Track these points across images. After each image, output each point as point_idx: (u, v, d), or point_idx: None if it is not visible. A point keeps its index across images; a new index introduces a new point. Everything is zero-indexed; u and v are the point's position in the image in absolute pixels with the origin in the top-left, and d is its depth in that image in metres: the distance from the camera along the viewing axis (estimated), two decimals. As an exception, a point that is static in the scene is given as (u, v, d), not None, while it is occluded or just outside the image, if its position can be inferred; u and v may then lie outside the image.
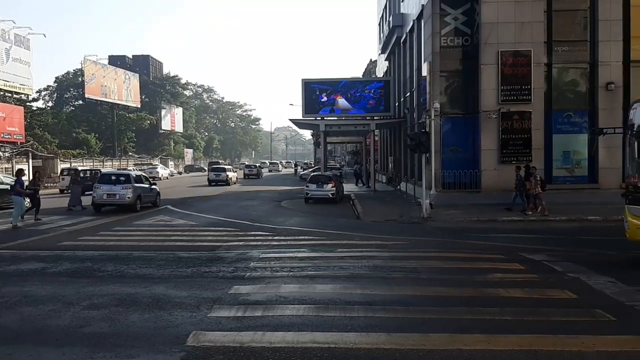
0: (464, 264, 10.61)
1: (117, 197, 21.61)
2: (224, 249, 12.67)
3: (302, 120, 36.72)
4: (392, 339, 6.11)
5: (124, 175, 22.78)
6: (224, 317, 7.02)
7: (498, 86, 21.90)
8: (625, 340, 6.02)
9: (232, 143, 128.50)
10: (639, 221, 10.25)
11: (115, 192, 21.59)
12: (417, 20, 27.33)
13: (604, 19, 21.83)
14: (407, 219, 18.86)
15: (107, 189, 21.70)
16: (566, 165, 22.64)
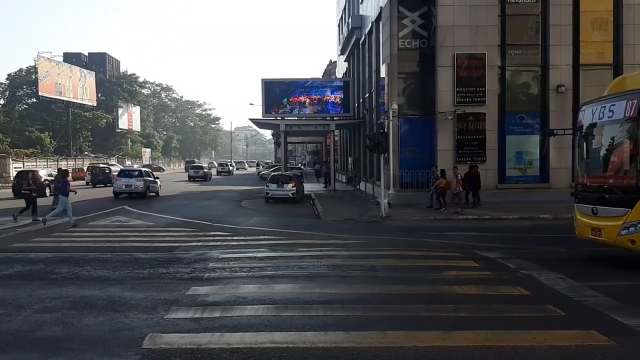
0: (421, 262, 10.78)
1: (133, 187, 28.43)
2: (182, 249, 12.52)
3: (262, 120, 36.61)
4: (351, 337, 6.18)
5: (138, 171, 31.05)
6: (182, 319, 6.95)
7: (454, 88, 22.36)
8: (574, 334, 6.24)
9: (192, 142, 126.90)
10: (587, 219, 10.64)
11: (131, 183, 28.52)
12: (375, 22, 27.63)
13: (554, 23, 22.57)
14: (366, 218, 19.04)
15: (125, 181, 28.66)
16: (519, 165, 23.32)
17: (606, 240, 10.15)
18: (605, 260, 10.84)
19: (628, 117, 9.66)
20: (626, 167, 10.05)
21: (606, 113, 10.24)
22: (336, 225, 17.75)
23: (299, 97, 35.01)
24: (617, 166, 10.26)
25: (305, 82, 36.49)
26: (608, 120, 10.25)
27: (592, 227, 10.47)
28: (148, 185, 29.08)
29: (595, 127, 10.74)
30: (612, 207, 9.95)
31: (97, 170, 42.78)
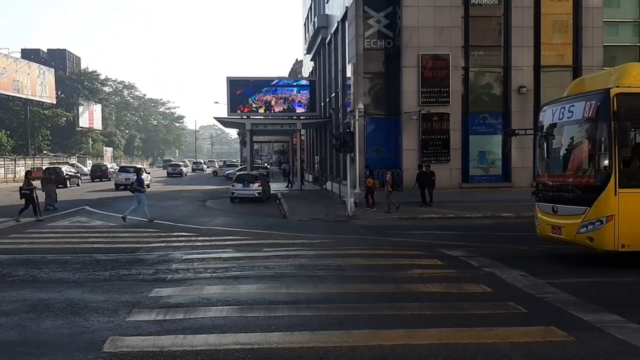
0: (386, 260, 10.86)
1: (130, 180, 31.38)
2: (145, 250, 12.30)
3: (227, 119, 36.27)
4: (316, 337, 6.16)
5: (133, 167, 35.82)
6: (144, 321, 6.81)
7: (418, 88, 22.59)
8: (535, 331, 6.35)
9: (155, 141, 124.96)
10: (548, 217, 10.88)
11: (129, 177, 32.44)
12: (341, 22, 27.69)
13: (516, 25, 23.04)
14: (332, 218, 19.08)
15: (125, 175, 35.58)
16: (482, 164, 23.74)
17: (566, 238, 10.40)
18: (565, 258, 11.11)
19: (587, 117, 9.91)
20: (585, 166, 10.32)
21: (566, 114, 10.48)
22: (303, 224, 17.72)
23: (265, 96, 34.84)
24: (576, 165, 10.53)
25: (271, 81, 36.32)
26: (568, 121, 10.50)
27: (553, 226, 10.71)
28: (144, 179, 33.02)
29: (556, 127, 10.99)
30: (571, 205, 10.19)
31: (96, 167, 53.74)
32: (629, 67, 10.43)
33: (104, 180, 47.31)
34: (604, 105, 9.51)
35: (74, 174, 42.22)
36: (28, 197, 18.34)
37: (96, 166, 54.67)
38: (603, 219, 9.47)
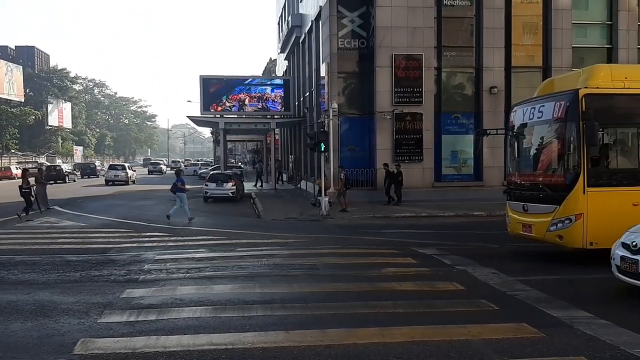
0: (361, 259, 10.91)
1: (119, 177, 40.86)
2: (116, 251, 12.11)
3: (200, 118, 35.96)
4: (291, 336, 6.15)
5: (121, 165, 44.53)
6: (115, 323, 6.71)
7: (392, 88, 22.73)
8: (507, 327, 6.44)
9: (126, 140, 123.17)
10: (519, 216, 11.06)
11: (118, 174, 41.00)
12: (315, 21, 27.71)
13: (488, 26, 23.35)
14: (306, 217, 19.08)
15: (114, 172, 41.58)
16: (454, 164, 24.01)
17: (536, 236, 10.59)
18: (536, 256, 11.30)
19: (556, 117, 10.10)
20: (555, 165, 10.53)
21: (536, 114, 10.66)
22: (277, 224, 17.69)
23: (238, 95, 34.64)
24: (546, 165, 10.73)
25: (245, 79, 36.14)
26: (538, 121, 10.69)
27: (523, 224, 10.89)
28: (130, 175, 42.28)
29: (526, 127, 11.18)
30: (541, 204, 10.38)
31: (85, 165, 60.54)
32: (597, 68, 10.67)
33: (92, 177, 52.76)
34: (572, 106, 9.70)
35: (71, 171, 49.46)
36: (28, 195, 18.42)
37: (85, 165, 61.55)
38: (572, 217, 9.67)
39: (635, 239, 7.78)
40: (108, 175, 41.63)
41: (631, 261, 7.61)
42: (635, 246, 7.65)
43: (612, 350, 5.67)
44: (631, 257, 7.64)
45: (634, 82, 10.06)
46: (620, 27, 24.23)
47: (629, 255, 7.69)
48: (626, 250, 7.80)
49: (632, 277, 7.65)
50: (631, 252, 7.70)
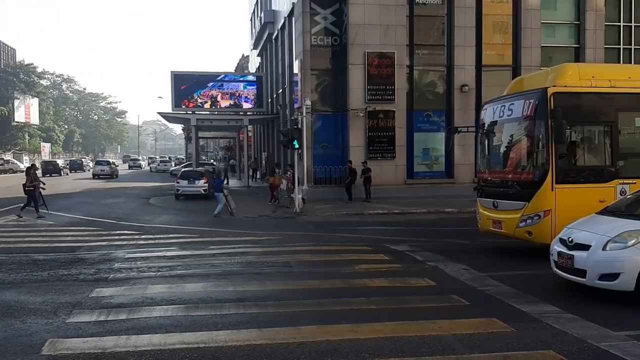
0: (334, 256, 10.93)
1: (105, 171, 45.82)
2: (86, 249, 11.89)
3: (171, 114, 35.51)
4: (263, 334, 6.13)
5: (107, 161, 50.45)
6: (85, 322, 6.60)
7: (365, 86, 22.81)
8: (477, 322, 6.54)
9: (96, 137, 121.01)
10: (489, 212, 11.23)
11: (103, 169, 46.29)
12: (288, 18, 27.63)
13: (459, 25, 23.61)
14: (280, 214, 19.04)
15: (100, 167, 46.81)
16: (426, 161, 24.23)
17: (506, 232, 10.76)
18: (506, 251, 11.48)
19: (525, 115, 10.28)
20: (524, 163, 10.71)
21: (506, 112, 10.83)
22: (250, 221, 17.60)
23: (210, 91, 34.29)
24: (515, 162, 10.92)
25: (217, 75, 35.76)
26: (507, 119, 10.86)
27: (493, 220, 11.06)
28: (113, 170, 47.44)
29: (496, 125, 11.34)
30: (511, 201, 10.55)
31: (74, 161, 64.38)
32: (565, 67, 10.89)
33: (79, 172, 57.85)
34: (541, 104, 9.88)
35: (64, 166, 55.79)
36: (32, 193, 18.16)
37: (74, 161, 66.07)
38: (541, 213, 9.85)
39: (571, 235, 7.93)
40: (95, 170, 46.96)
41: (567, 256, 7.75)
42: (572, 242, 7.78)
43: (580, 343, 5.80)
44: (567, 253, 7.77)
45: (601, 81, 10.30)
46: (588, 27, 24.78)
47: (565, 250, 7.83)
48: (563, 245, 7.95)
49: (567, 272, 7.78)
50: (567, 247, 7.83)
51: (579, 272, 7.52)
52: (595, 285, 7.39)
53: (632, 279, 7.04)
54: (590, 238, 7.59)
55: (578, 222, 8.42)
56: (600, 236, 7.49)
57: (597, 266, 7.31)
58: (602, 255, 7.30)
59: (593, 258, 7.37)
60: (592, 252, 7.41)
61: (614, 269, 7.15)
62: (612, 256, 7.22)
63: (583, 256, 7.48)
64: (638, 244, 7.13)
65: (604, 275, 7.24)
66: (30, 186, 18.18)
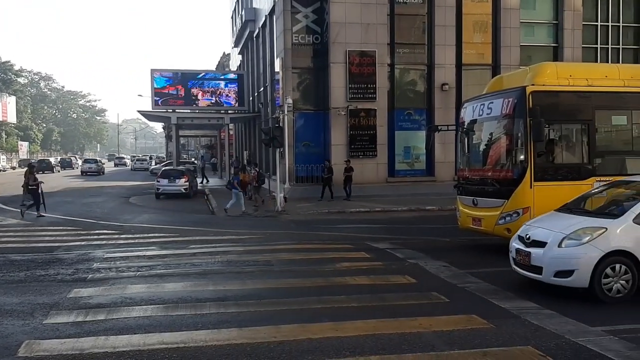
0: (315, 254, 10.92)
1: (93, 169, 49.57)
2: (64, 249, 11.71)
3: (152, 113, 35.23)
4: (244, 333, 6.11)
5: (94, 160, 54.59)
6: (62, 324, 6.51)
7: (346, 84, 22.83)
8: (457, 319, 6.58)
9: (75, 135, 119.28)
10: (468, 210, 11.32)
11: (91, 167, 50.15)
12: (269, 16, 27.54)
13: (439, 24, 23.76)
14: (262, 213, 18.99)
15: (88, 165, 50.76)
16: (407, 159, 24.35)
17: (485, 229, 10.85)
18: (485, 249, 11.58)
19: (504, 114, 10.37)
20: (503, 161, 10.81)
21: (485, 110, 10.92)
22: (231, 220, 17.53)
23: (191, 89, 34.07)
24: (495, 160, 11.01)
25: (198, 73, 35.53)
26: (487, 117, 10.95)
27: (473, 218, 11.15)
28: (100, 167, 51.05)
29: (476, 123, 11.43)
30: (490, 198, 10.65)
31: (63, 159, 68.59)
32: (544, 66, 11.02)
33: (68, 169, 61.69)
34: (520, 103, 9.98)
35: (56, 164, 59.37)
36: (35, 192, 18.04)
37: (64, 159, 70.74)
38: (519, 210, 9.95)
39: (528, 232, 8.00)
40: (83, 167, 51.11)
41: (524, 253, 7.80)
42: (529, 239, 7.84)
43: (558, 339, 5.87)
44: (524, 250, 7.83)
45: (578, 80, 10.45)
46: (566, 26, 25.11)
47: (523, 247, 7.88)
48: (521, 242, 8.00)
49: (525, 269, 7.84)
50: (525, 244, 7.89)
51: (536, 269, 7.57)
52: (551, 282, 7.45)
53: (586, 275, 7.11)
54: (546, 235, 7.64)
55: (537, 219, 8.54)
56: (556, 233, 7.54)
57: (552, 263, 7.36)
58: (557, 252, 7.36)
59: (549, 255, 7.42)
60: (548, 249, 7.45)
61: (568, 266, 7.21)
62: (567, 253, 7.29)
63: (539, 253, 7.53)
64: (592, 240, 7.20)
65: (559, 272, 7.29)
66: (33, 185, 18.18)
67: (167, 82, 33.71)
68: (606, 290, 7.16)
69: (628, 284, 7.19)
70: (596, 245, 7.18)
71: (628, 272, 7.18)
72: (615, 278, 7.16)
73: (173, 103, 33.80)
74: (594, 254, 7.14)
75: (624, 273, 7.17)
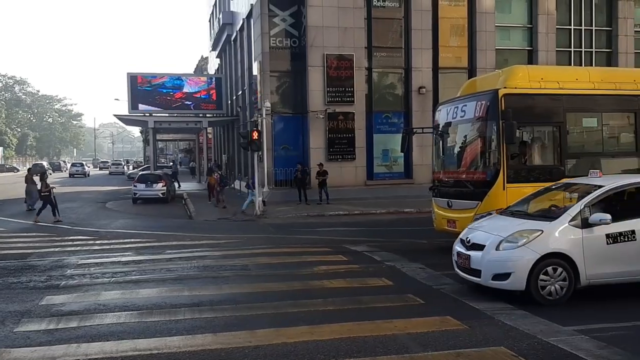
0: (293, 258, 10.91)
1: (80, 172, 56.17)
2: (37, 256, 11.52)
3: (128, 117, 34.90)
4: (219, 338, 6.07)
5: (80, 163, 60.41)
6: (34, 331, 6.41)
7: (324, 88, 22.87)
8: (432, 321, 6.63)
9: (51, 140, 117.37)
10: (444, 212, 11.40)
11: (79, 169, 56.71)
12: (247, 19, 27.48)
13: (416, 28, 23.93)
14: (240, 217, 18.91)
15: (76, 168, 57.31)
16: (385, 162, 24.45)
17: (460, 230, 10.82)
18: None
19: (478, 116, 10.48)
20: (476, 163, 10.91)
21: (459, 113, 11.03)
22: (209, 225, 17.43)
23: (169, 93, 33.82)
24: (468, 162, 11.11)
25: (175, 77, 35.31)
26: (460, 120, 11.05)
27: (448, 220, 11.23)
28: (86, 170, 58.18)
29: (450, 125, 11.53)
30: (464, 200, 10.73)
31: (52, 163, 76.59)
32: (516, 69, 11.17)
33: (57, 172, 66.88)
34: (492, 105, 10.09)
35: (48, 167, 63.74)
36: (47, 198, 18.06)
37: (52, 162, 78.81)
38: (492, 212, 10.02)
39: (469, 235, 8.02)
40: (71, 170, 57.49)
41: (465, 256, 7.81)
42: (469, 242, 7.86)
43: (530, 339, 5.94)
44: (465, 253, 7.83)
45: (549, 83, 10.62)
46: (540, 30, 25.51)
47: (464, 250, 7.89)
48: (462, 245, 8.01)
49: (465, 272, 7.83)
50: (465, 247, 7.90)
51: (475, 272, 7.56)
52: (490, 285, 7.44)
53: (522, 278, 7.11)
54: (485, 238, 7.65)
55: (478, 222, 8.60)
56: (494, 236, 7.54)
57: (490, 266, 7.36)
58: (495, 255, 7.35)
59: (487, 258, 7.41)
60: (486, 252, 7.44)
61: (505, 269, 7.21)
62: (504, 256, 7.28)
63: (478, 256, 7.52)
64: (529, 243, 7.20)
65: (497, 275, 7.29)
66: (45, 191, 18.23)
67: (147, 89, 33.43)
68: (543, 292, 7.14)
69: (565, 286, 7.19)
70: (532, 248, 7.17)
71: (565, 273, 7.17)
72: (552, 280, 7.15)
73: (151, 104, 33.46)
74: (530, 257, 7.13)
75: (560, 275, 7.18)
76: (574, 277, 7.21)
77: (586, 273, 7.23)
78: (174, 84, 34.16)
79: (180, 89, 34.15)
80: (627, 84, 11.16)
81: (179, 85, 34.27)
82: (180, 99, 34.07)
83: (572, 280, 7.21)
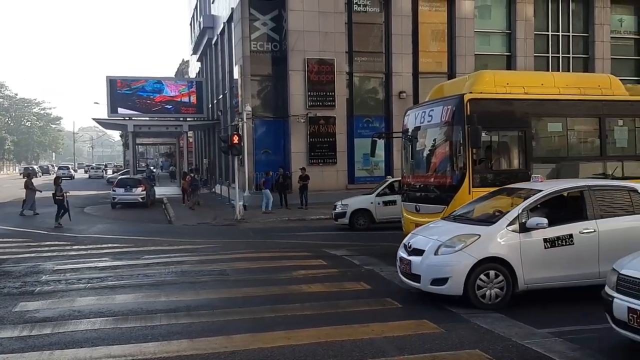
0: (272, 263, 10.89)
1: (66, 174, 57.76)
2: (12, 262, 11.33)
3: (108, 120, 34.59)
4: (194, 344, 6.01)
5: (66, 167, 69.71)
6: (6, 338, 6.29)
7: (305, 92, 22.90)
8: (408, 324, 6.65)
9: (29, 144, 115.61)
10: (412, 216, 11.26)
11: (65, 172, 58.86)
12: (227, 23, 27.43)
13: (396, 33, 24.11)
14: (220, 222, 18.83)
15: (62, 171, 59.47)
16: (366, 166, 24.54)
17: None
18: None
19: (444, 121, 10.47)
20: (443, 167, 10.84)
21: (426, 117, 11.04)
22: (188, 229, 17.32)
23: (149, 97, 33.57)
24: (435, 167, 11.10)
25: (156, 80, 35.06)
26: (428, 124, 11.07)
27: (416, 224, 11.12)
28: (71, 173, 63.71)
29: (418, 130, 11.50)
30: (431, 204, 10.62)
31: (41, 167, 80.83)
32: (482, 74, 11.25)
33: (45, 174, 68.48)
34: (458, 110, 10.08)
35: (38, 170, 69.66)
36: (61, 202, 18.57)
37: (40, 166, 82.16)
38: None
39: (411, 240, 7.98)
40: (58, 173, 56.02)
41: (406, 262, 7.70)
42: (410, 247, 7.81)
43: (505, 342, 5.98)
44: (406, 258, 7.73)
45: (515, 88, 10.71)
46: (518, 35, 25.85)
47: (405, 255, 7.81)
48: (405, 251, 7.95)
49: (407, 278, 7.73)
50: (407, 252, 7.84)
51: (415, 277, 7.50)
52: (428, 290, 7.40)
53: (460, 283, 7.10)
54: (425, 243, 7.62)
55: (422, 227, 8.53)
56: (434, 241, 7.50)
57: (429, 271, 7.32)
58: (433, 260, 7.32)
59: (426, 263, 7.37)
60: (425, 257, 7.41)
61: (443, 274, 7.19)
62: (442, 260, 7.26)
63: (418, 261, 7.47)
64: (466, 247, 7.17)
65: (435, 280, 7.26)
66: (59, 196, 18.40)
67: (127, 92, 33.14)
68: (480, 297, 7.13)
69: (502, 290, 7.19)
70: (469, 253, 7.14)
71: (502, 278, 7.17)
72: (490, 284, 7.14)
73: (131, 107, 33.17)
74: (467, 261, 7.10)
75: (497, 279, 7.17)
76: (512, 281, 7.20)
77: (524, 277, 7.21)
78: (154, 88, 33.91)
79: (160, 93, 33.91)
80: (592, 89, 11.29)
81: (159, 89, 34.03)
82: (161, 102, 33.83)
83: (510, 285, 7.20)
